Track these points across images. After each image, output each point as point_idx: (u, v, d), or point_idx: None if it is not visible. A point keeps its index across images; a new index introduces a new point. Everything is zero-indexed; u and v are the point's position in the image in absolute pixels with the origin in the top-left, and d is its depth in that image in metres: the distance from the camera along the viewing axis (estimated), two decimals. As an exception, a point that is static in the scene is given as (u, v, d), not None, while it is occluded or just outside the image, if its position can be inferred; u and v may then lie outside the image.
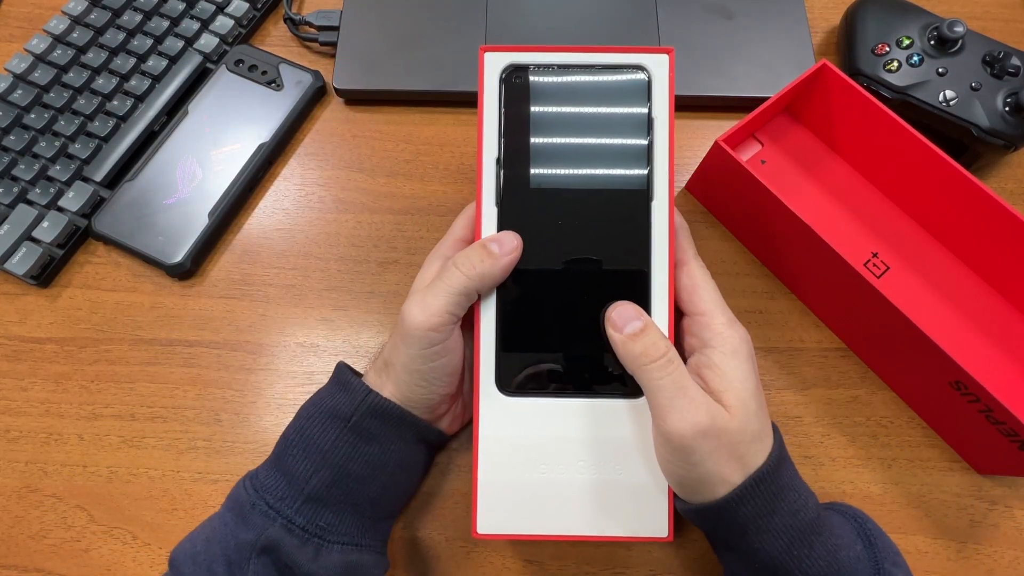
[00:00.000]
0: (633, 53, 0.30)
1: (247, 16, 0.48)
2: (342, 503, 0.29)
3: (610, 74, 0.30)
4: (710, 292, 0.29)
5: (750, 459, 0.27)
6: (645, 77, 0.30)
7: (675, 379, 0.26)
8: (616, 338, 0.28)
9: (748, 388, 0.27)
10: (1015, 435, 0.32)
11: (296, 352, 0.39)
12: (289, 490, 0.29)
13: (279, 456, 0.30)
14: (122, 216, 0.41)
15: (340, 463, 0.29)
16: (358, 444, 0.29)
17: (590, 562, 0.35)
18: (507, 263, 0.29)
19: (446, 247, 0.32)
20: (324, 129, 0.46)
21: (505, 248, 0.29)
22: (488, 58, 0.30)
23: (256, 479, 0.30)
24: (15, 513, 0.36)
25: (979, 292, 0.40)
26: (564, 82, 0.30)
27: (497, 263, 0.29)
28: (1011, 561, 0.35)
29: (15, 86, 0.44)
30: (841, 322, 0.39)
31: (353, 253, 0.42)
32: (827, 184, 0.43)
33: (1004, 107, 0.41)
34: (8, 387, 0.38)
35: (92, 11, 0.47)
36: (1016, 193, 0.44)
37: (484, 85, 0.30)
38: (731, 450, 0.26)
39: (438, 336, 0.29)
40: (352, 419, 0.29)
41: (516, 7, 0.48)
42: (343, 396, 0.30)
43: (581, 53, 0.30)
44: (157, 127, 0.44)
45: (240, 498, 0.29)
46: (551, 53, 0.30)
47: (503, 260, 0.29)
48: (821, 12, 0.51)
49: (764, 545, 0.26)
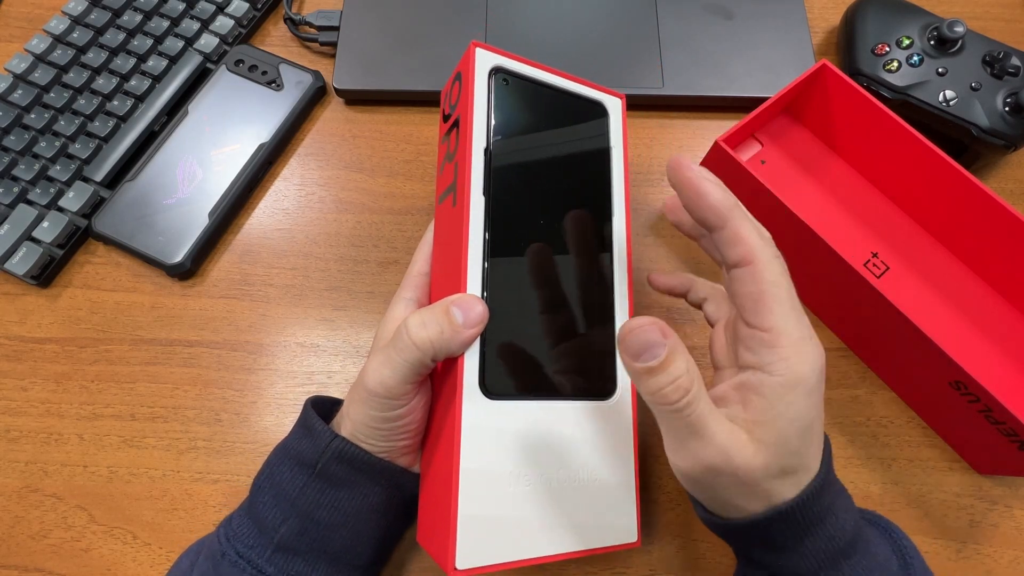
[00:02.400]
0: (597, 91, 0.33)
1: (247, 16, 0.49)
2: (314, 552, 0.28)
3: (577, 101, 0.33)
4: (782, 303, 0.23)
5: (775, 495, 0.24)
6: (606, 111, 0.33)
7: (690, 422, 0.23)
8: (634, 369, 0.23)
9: (796, 426, 0.23)
10: (1015, 435, 0.32)
11: (296, 352, 0.39)
12: (260, 538, 0.28)
13: (251, 502, 0.29)
14: (122, 216, 0.41)
15: (308, 510, 0.27)
16: (326, 490, 0.28)
17: (590, 562, 0.35)
18: (469, 337, 0.26)
19: (408, 288, 0.31)
20: (324, 129, 0.46)
21: (470, 319, 0.26)
22: (479, 54, 0.30)
23: (230, 526, 0.28)
24: (15, 513, 0.36)
25: (979, 292, 0.40)
26: (540, 95, 0.32)
27: (457, 337, 0.26)
28: (1011, 561, 0.35)
29: (15, 86, 0.44)
30: (841, 322, 0.39)
31: (353, 253, 0.42)
32: (827, 184, 0.43)
33: (1004, 107, 0.41)
34: (8, 387, 0.38)
35: (92, 11, 0.47)
36: (1016, 193, 0.44)
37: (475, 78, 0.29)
38: (748, 488, 0.24)
39: (397, 403, 0.27)
40: (318, 465, 0.28)
41: (516, 7, 0.48)
42: (308, 441, 0.28)
43: (559, 77, 0.32)
44: (157, 127, 0.44)
45: (213, 546, 0.28)
46: (533, 68, 0.31)
47: (465, 334, 0.26)
48: (821, 12, 0.51)
49: (790, 563, 0.25)
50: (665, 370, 0.22)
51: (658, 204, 0.44)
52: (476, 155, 0.28)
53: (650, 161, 0.45)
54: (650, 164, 0.45)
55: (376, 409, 0.27)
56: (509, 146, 0.30)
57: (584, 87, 0.33)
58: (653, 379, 0.23)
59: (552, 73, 0.32)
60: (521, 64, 0.31)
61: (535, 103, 0.31)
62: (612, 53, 0.47)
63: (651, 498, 0.36)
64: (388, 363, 0.27)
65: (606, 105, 0.33)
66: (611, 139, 0.33)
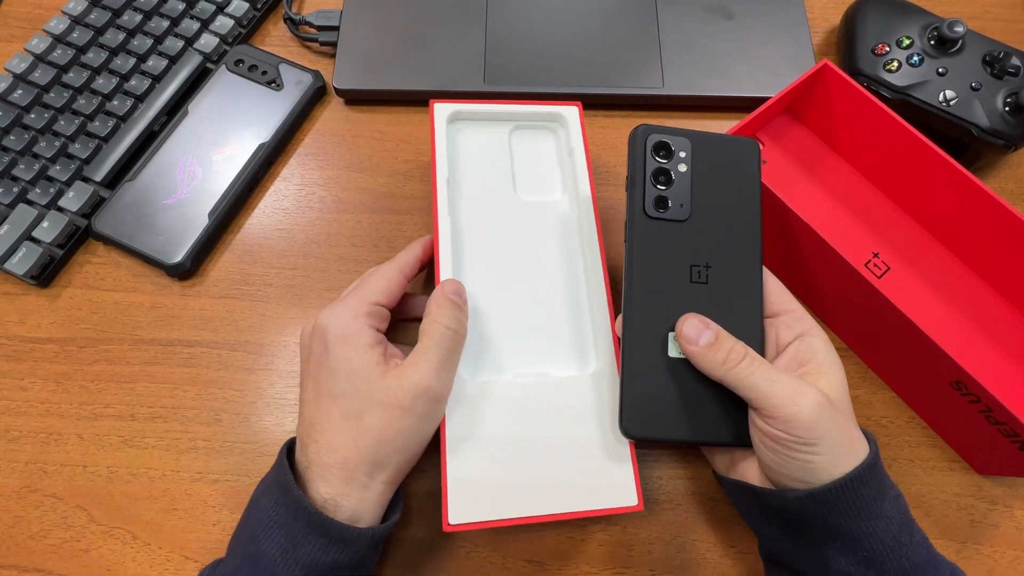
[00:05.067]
0: (552, 106, 0.40)
1: (247, 16, 0.48)
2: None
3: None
4: (787, 292, 0.32)
5: (858, 433, 0.28)
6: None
7: (764, 370, 0.28)
8: (695, 352, 0.29)
9: (841, 373, 0.30)
10: (1015, 435, 0.32)
11: (296, 352, 0.39)
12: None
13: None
14: (122, 216, 0.41)
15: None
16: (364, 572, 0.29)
17: (590, 562, 0.35)
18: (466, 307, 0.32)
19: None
20: (324, 129, 0.46)
21: (462, 296, 0.32)
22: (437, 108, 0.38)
23: None
24: (15, 513, 0.36)
25: (979, 292, 0.40)
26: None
27: (464, 309, 0.32)
28: (1011, 561, 0.35)
29: (15, 86, 0.44)
30: (841, 322, 0.39)
31: (353, 253, 0.42)
32: (828, 184, 0.43)
33: (1004, 107, 0.41)
34: (8, 387, 0.38)
35: (92, 11, 0.47)
36: (1016, 193, 0.44)
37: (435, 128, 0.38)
38: (845, 422, 0.28)
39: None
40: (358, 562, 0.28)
41: (516, 7, 0.48)
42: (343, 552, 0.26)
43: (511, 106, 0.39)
44: (157, 127, 0.44)
45: None
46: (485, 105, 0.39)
47: (465, 306, 0.32)
48: (821, 12, 0.51)
49: (876, 530, 0.26)
50: (720, 341, 0.29)
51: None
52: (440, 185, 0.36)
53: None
54: (650, 164, 0.45)
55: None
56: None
57: (539, 107, 0.40)
58: (718, 351, 0.29)
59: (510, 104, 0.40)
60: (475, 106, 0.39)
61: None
62: (612, 53, 0.47)
63: (651, 498, 0.36)
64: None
65: (564, 115, 0.40)
66: (571, 141, 0.39)
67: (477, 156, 0.39)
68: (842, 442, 0.27)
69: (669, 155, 0.32)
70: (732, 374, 0.28)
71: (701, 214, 0.32)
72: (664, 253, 0.31)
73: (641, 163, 0.32)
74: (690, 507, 0.36)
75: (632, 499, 0.31)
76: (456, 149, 0.39)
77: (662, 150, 0.32)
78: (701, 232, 0.32)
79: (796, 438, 0.27)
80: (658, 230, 0.32)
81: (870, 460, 0.27)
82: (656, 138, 0.32)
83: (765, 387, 0.27)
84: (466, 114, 0.39)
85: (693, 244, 0.32)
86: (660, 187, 0.32)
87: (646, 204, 0.32)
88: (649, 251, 0.31)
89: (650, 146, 0.32)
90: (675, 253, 0.32)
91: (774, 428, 0.27)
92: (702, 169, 0.33)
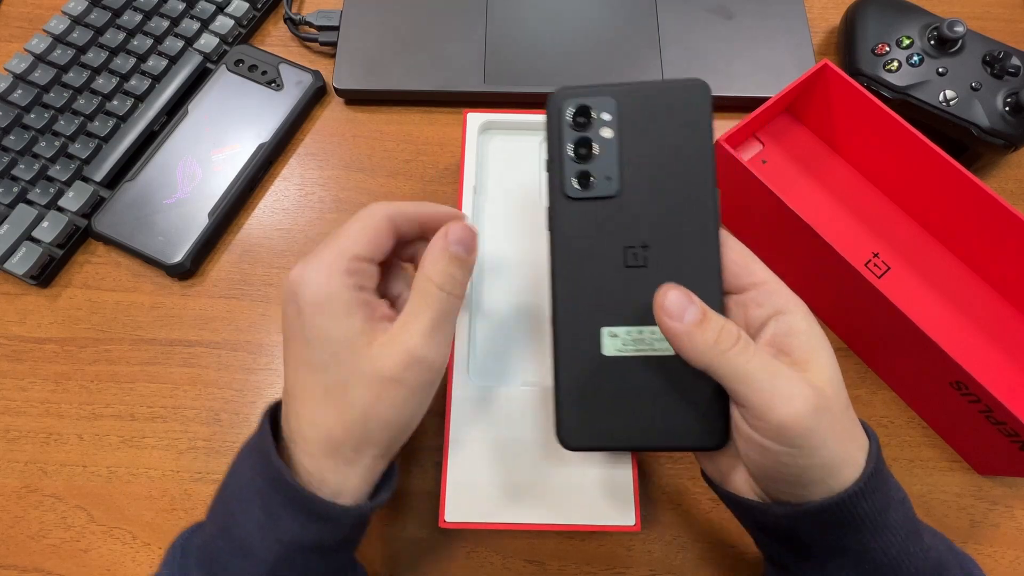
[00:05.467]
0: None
1: (247, 16, 0.48)
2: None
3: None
4: (758, 260, 0.26)
5: (856, 431, 0.24)
6: None
7: (761, 359, 0.23)
8: (677, 329, 0.24)
9: (831, 353, 0.24)
10: (1015, 435, 0.32)
11: (296, 352, 0.39)
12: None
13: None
14: (122, 216, 0.41)
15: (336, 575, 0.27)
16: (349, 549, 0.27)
17: (590, 562, 0.35)
18: (474, 262, 0.27)
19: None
20: (324, 129, 0.46)
21: (469, 245, 0.26)
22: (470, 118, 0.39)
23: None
24: (15, 513, 0.36)
25: (979, 292, 0.40)
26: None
27: (471, 268, 0.27)
28: (1011, 561, 0.35)
29: (15, 86, 0.44)
30: (841, 322, 0.39)
31: (353, 253, 0.42)
32: (828, 184, 0.43)
33: (1004, 107, 0.41)
34: (8, 387, 0.38)
35: (92, 11, 0.47)
36: (1016, 193, 0.44)
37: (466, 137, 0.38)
38: (842, 421, 0.23)
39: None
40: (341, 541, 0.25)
41: (516, 7, 0.48)
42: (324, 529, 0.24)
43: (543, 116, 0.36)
44: (157, 127, 0.44)
45: None
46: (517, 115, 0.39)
47: (472, 260, 0.27)
48: (821, 12, 0.51)
49: (881, 543, 0.23)
50: (710, 319, 0.24)
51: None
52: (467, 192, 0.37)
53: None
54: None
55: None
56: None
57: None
58: (707, 330, 0.23)
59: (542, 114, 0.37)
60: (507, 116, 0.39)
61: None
62: (612, 53, 0.47)
63: (652, 498, 0.36)
64: (440, 330, 0.25)
65: None
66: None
67: (505, 164, 0.39)
68: (839, 448, 0.23)
69: (590, 120, 0.28)
70: (724, 359, 0.23)
71: (635, 185, 0.27)
72: (591, 238, 0.27)
73: (557, 136, 0.28)
74: (690, 507, 0.36)
75: (629, 519, 0.30)
76: (485, 158, 0.39)
77: (581, 116, 0.28)
78: (636, 207, 0.27)
79: (786, 447, 0.23)
80: (583, 212, 0.27)
81: (870, 470, 0.23)
82: (573, 103, 0.28)
83: (764, 381, 0.23)
84: (498, 124, 0.39)
85: (626, 223, 0.27)
86: (581, 161, 0.27)
87: (565, 184, 0.28)
88: (574, 237, 0.27)
89: (566, 113, 0.28)
90: (605, 236, 0.27)
91: (761, 434, 0.23)
92: (633, 130, 0.28)
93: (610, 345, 0.27)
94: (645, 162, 0.27)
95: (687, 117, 0.27)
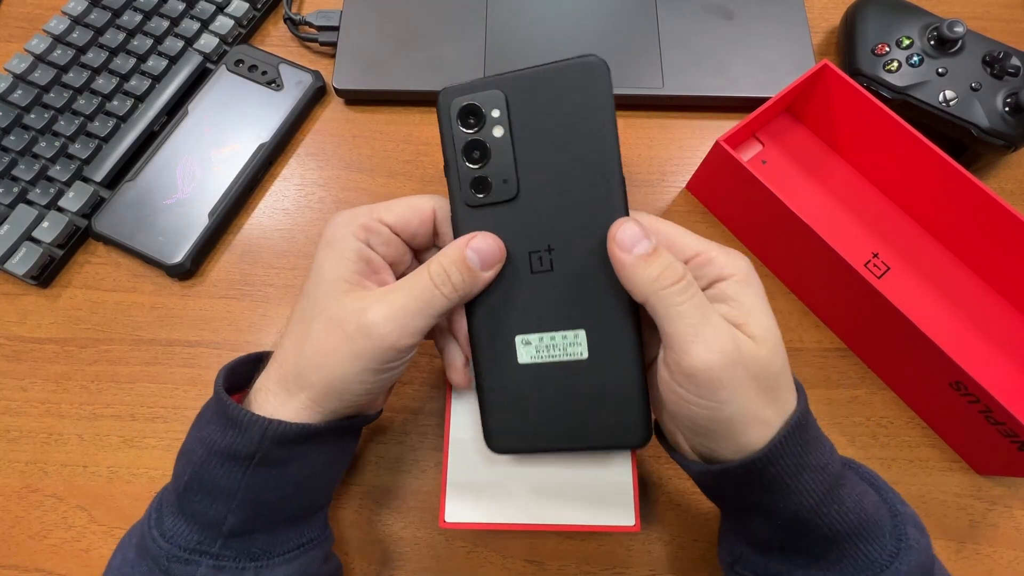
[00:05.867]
0: None
1: (247, 16, 0.48)
2: (271, 524, 0.27)
3: None
4: (688, 235, 0.26)
5: (782, 395, 0.24)
6: None
7: (697, 303, 0.23)
8: (624, 260, 0.24)
9: (770, 317, 0.25)
10: (1015, 436, 0.32)
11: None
12: (205, 534, 0.26)
13: (181, 503, 0.26)
14: (122, 216, 0.41)
15: (254, 497, 0.26)
16: (271, 474, 0.26)
17: (590, 561, 0.35)
18: (487, 279, 0.26)
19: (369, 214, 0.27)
20: (324, 129, 0.46)
21: (487, 261, 0.26)
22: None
23: (163, 526, 0.26)
24: (15, 513, 0.36)
25: (979, 292, 0.40)
26: None
27: (478, 282, 0.26)
28: (1011, 561, 0.35)
29: (15, 86, 0.44)
30: (841, 322, 0.39)
31: (353, 253, 0.42)
32: (828, 184, 0.43)
33: (1004, 107, 0.41)
34: (8, 387, 0.38)
35: (92, 11, 0.47)
36: (1016, 193, 0.44)
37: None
38: (761, 382, 0.24)
39: (406, 355, 0.26)
40: (256, 456, 0.25)
41: (516, 7, 0.48)
42: (237, 436, 0.25)
43: None
44: (157, 127, 0.44)
45: (153, 550, 0.25)
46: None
47: (484, 276, 0.26)
48: (821, 12, 0.51)
49: (791, 504, 0.24)
50: (659, 255, 0.24)
51: (658, 204, 0.44)
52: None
53: (650, 161, 0.45)
54: (650, 164, 0.45)
55: (375, 361, 0.25)
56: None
57: None
58: (652, 264, 0.23)
59: None
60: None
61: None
62: (612, 53, 0.47)
63: (652, 498, 0.36)
64: (409, 311, 0.25)
65: None
66: None
67: None
68: (748, 406, 0.23)
69: (480, 120, 0.26)
70: (660, 295, 0.23)
71: (533, 185, 0.26)
72: None
73: (450, 140, 0.26)
74: (690, 507, 0.36)
75: (629, 519, 0.29)
76: None
77: (470, 116, 0.26)
78: (536, 208, 0.26)
79: (695, 395, 0.23)
80: (484, 219, 0.26)
81: (780, 436, 0.24)
82: (460, 102, 0.26)
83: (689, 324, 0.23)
84: None
85: (528, 226, 0.26)
86: (476, 165, 0.26)
87: (463, 191, 0.26)
88: None
89: (455, 115, 0.26)
90: (509, 243, 0.26)
91: (674, 380, 0.24)
92: (526, 124, 0.26)
93: (524, 353, 0.27)
94: (542, 158, 0.26)
95: (583, 101, 0.25)
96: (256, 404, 0.26)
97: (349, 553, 0.35)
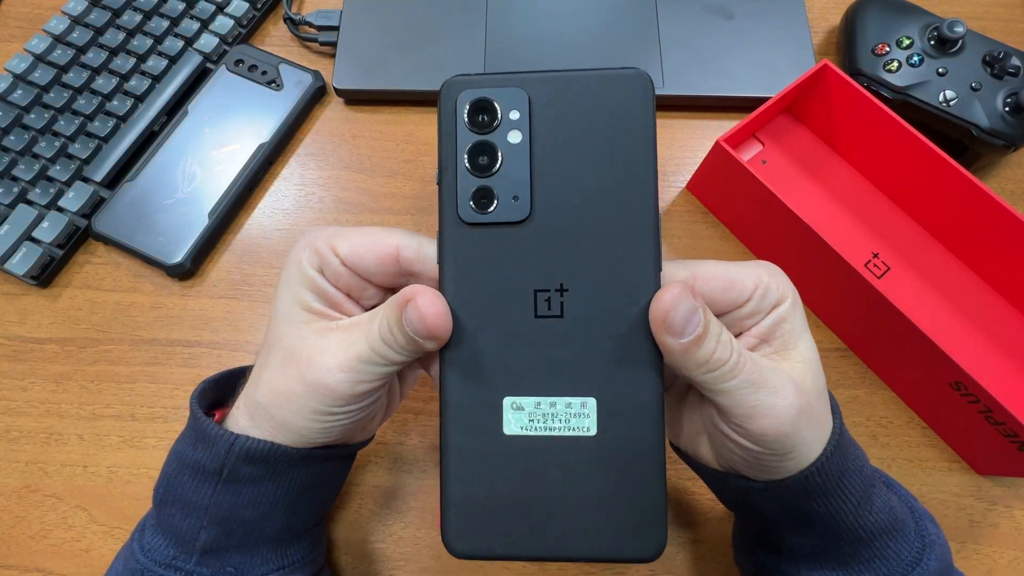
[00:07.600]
0: None
1: (247, 16, 0.48)
2: (248, 543, 0.26)
3: None
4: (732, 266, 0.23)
5: (827, 415, 0.24)
6: None
7: (749, 374, 0.21)
8: (673, 347, 0.20)
9: (808, 331, 0.23)
10: (1015, 436, 0.32)
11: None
12: (180, 549, 0.25)
13: (159, 515, 0.26)
14: (122, 216, 0.41)
15: (226, 514, 0.25)
16: (242, 491, 0.25)
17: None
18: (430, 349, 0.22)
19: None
20: (324, 129, 0.46)
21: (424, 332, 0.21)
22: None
23: (143, 540, 0.26)
24: (15, 513, 0.36)
25: (979, 292, 0.40)
26: None
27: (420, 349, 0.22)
28: (1011, 561, 0.35)
29: (15, 86, 0.44)
30: (841, 322, 0.39)
31: (353, 253, 0.42)
32: (828, 184, 0.43)
33: (1004, 107, 0.41)
34: (8, 387, 0.38)
35: (92, 11, 0.47)
36: (1016, 193, 0.44)
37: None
38: (816, 411, 0.23)
39: (366, 399, 0.23)
40: (224, 472, 0.24)
41: (516, 7, 0.48)
42: (204, 449, 0.24)
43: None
44: (157, 127, 0.44)
45: (131, 564, 0.25)
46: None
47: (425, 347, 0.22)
48: (821, 12, 0.51)
49: (830, 508, 0.24)
50: (708, 335, 0.20)
51: (659, 204, 0.44)
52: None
53: (650, 161, 0.45)
54: (650, 164, 0.45)
55: (333, 407, 0.23)
56: None
57: None
58: (702, 349, 0.20)
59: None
60: None
61: None
62: (612, 53, 0.47)
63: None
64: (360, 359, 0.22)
65: None
66: None
67: None
68: (814, 439, 0.23)
69: (493, 120, 0.21)
70: (711, 376, 0.21)
71: (550, 208, 0.21)
72: (492, 277, 0.21)
73: (452, 139, 0.22)
74: (690, 507, 0.36)
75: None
76: None
77: (482, 113, 0.21)
78: (551, 237, 0.21)
79: (765, 449, 0.22)
80: (482, 242, 0.21)
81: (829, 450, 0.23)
82: (472, 95, 0.21)
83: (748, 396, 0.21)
84: None
85: (538, 258, 0.21)
86: (480, 174, 0.21)
87: (459, 203, 0.21)
88: (469, 276, 0.21)
89: (463, 110, 0.21)
90: (510, 275, 0.21)
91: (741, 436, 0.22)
92: (550, 134, 0.21)
93: (514, 421, 0.21)
94: (565, 176, 0.21)
95: (622, 118, 0.21)
96: (231, 420, 0.26)
97: (349, 554, 0.35)
